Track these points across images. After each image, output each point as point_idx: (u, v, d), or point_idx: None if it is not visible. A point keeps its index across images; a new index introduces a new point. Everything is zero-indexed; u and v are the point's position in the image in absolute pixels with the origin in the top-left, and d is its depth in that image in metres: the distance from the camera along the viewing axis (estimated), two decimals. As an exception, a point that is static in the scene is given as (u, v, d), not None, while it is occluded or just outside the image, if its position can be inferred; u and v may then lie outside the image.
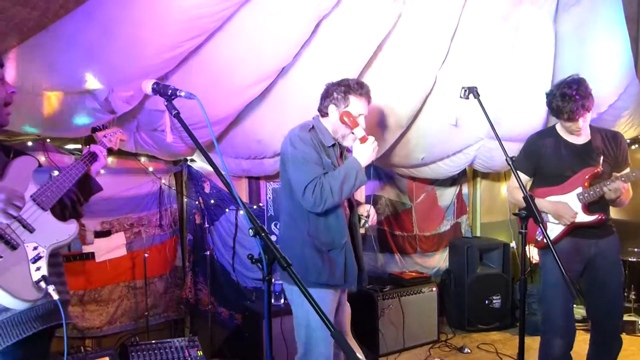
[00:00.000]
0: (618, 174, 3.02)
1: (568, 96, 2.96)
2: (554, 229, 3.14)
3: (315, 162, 2.61)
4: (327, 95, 2.79)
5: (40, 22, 2.52)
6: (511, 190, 3.43)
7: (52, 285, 1.78)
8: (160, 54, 2.94)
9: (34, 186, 1.95)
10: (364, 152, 2.65)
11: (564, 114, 3.00)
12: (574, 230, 3.10)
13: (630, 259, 4.96)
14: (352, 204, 2.91)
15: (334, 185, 2.55)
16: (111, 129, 2.52)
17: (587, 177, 3.04)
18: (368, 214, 2.96)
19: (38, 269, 1.82)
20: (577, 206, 3.06)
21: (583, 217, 3.05)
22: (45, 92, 2.90)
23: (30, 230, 1.86)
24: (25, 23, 2.46)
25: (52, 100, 2.97)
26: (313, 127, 2.75)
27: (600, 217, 3.03)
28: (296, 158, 2.61)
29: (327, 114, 2.78)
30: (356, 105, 2.74)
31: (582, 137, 3.13)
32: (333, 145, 2.77)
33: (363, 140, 2.66)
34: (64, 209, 2.10)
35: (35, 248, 1.86)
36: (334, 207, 2.65)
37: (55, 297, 1.78)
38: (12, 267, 1.75)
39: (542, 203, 3.13)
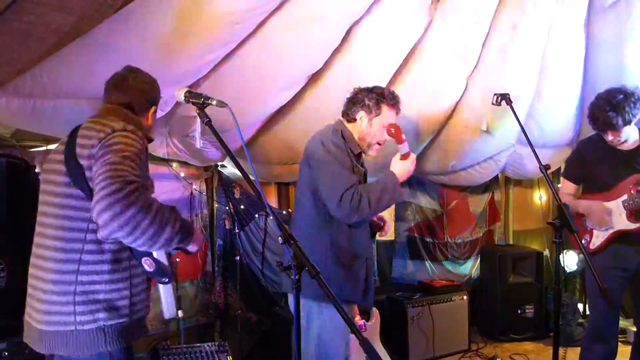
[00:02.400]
0: None
1: (602, 112, 2.93)
2: (600, 236, 3.08)
3: (350, 169, 2.49)
4: (357, 100, 2.65)
5: (76, 27, 2.58)
6: (562, 197, 3.27)
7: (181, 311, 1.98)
8: (193, 61, 2.98)
9: None
10: (405, 169, 2.57)
11: (604, 127, 2.97)
12: (619, 237, 3.03)
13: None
14: None
15: (372, 196, 2.44)
16: None
17: (632, 184, 2.99)
18: (379, 224, 2.87)
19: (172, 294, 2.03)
20: (622, 213, 3.00)
21: (627, 224, 2.99)
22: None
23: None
24: (62, 28, 2.52)
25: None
26: (342, 133, 2.61)
27: None
28: (331, 163, 2.46)
29: (355, 119, 2.65)
30: (387, 115, 2.64)
31: (629, 142, 3.04)
32: (359, 153, 2.68)
33: (406, 156, 2.58)
34: None
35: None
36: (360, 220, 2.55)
37: (181, 315, 2.11)
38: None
39: (584, 205, 3.11)
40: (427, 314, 4.40)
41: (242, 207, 4.33)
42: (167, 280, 1.85)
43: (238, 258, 4.14)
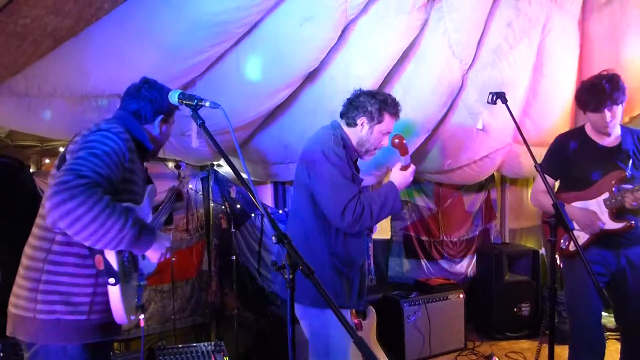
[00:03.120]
0: None
1: (596, 86, 2.85)
2: (580, 237, 2.94)
3: (352, 179, 2.48)
4: (359, 105, 2.60)
5: (72, 30, 2.58)
6: (536, 194, 3.21)
7: (143, 315, 1.97)
8: (187, 60, 2.98)
9: (150, 213, 2.15)
10: (405, 180, 2.60)
11: (590, 104, 2.87)
12: (600, 238, 2.92)
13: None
14: None
15: (374, 207, 2.46)
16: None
17: (613, 181, 2.87)
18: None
19: (139, 293, 1.99)
20: (603, 212, 2.89)
21: (610, 225, 2.87)
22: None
23: (143, 258, 2.03)
24: (58, 31, 2.52)
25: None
26: (343, 141, 2.58)
27: (628, 224, 2.84)
28: (333, 175, 2.44)
29: (356, 124, 2.62)
30: (388, 123, 2.63)
31: (611, 138, 2.96)
32: (356, 159, 2.68)
33: (406, 167, 2.59)
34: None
35: (140, 274, 2.04)
36: None
37: (142, 325, 2.08)
38: (130, 288, 1.92)
39: (569, 210, 2.95)
40: (424, 313, 4.41)
41: (238, 206, 4.33)
42: (113, 282, 1.80)
43: (234, 257, 4.14)
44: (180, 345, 3.53)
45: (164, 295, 4.02)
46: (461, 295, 4.63)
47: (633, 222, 2.86)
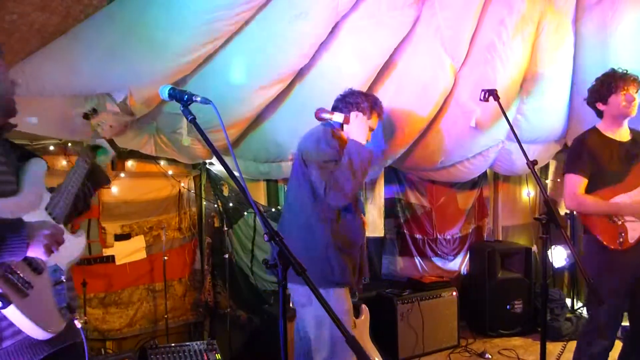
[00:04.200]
0: None
1: (614, 72, 3.09)
2: (637, 229, 2.97)
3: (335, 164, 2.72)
4: (352, 101, 2.92)
5: (60, 27, 2.56)
6: (576, 198, 3.13)
7: (76, 313, 1.71)
8: (178, 57, 2.96)
9: (47, 195, 1.79)
10: (358, 130, 2.83)
11: (613, 86, 3.04)
12: None
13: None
14: None
15: (345, 170, 2.67)
16: (100, 116, 2.14)
17: None
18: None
19: (60, 293, 1.71)
20: None
21: None
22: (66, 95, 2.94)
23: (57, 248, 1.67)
24: (46, 28, 2.50)
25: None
26: (334, 132, 2.83)
27: None
28: (321, 158, 2.70)
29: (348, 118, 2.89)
30: (374, 121, 2.99)
31: (623, 134, 3.11)
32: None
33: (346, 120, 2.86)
34: (77, 202, 1.94)
35: (55, 270, 1.73)
36: (352, 210, 2.81)
37: (79, 326, 1.73)
38: (38, 295, 1.61)
39: (622, 207, 3.00)
40: (417, 310, 4.41)
41: (230, 204, 4.31)
42: (0, 305, 1.49)
43: (227, 256, 4.13)
44: (172, 345, 3.52)
45: (156, 295, 4.01)
46: (454, 293, 4.63)
47: None
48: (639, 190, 3.00)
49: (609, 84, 3.08)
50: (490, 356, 4.42)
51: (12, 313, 1.53)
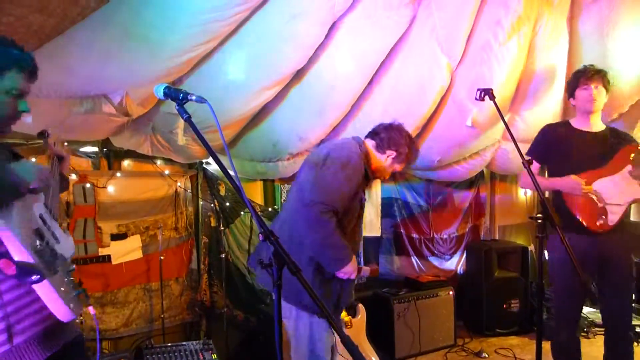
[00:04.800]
0: None
1: (584, 67, 3.19)
2: (615, 211, 3.05)
3: (347, 198, 2.54)
4: (395, 139, 2.74)
5: (57, 29, 2.55)
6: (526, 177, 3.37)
7: (88, 299, 1.72)
8: (175, 58, 2.95)
9: (42, 194, 1.79)
10: (351, 271, 2.60)
11: (579, 79, 3.12)
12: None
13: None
14: None
15: (333, 239, 2.49)
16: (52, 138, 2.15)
17: (629, 154, 3.05)
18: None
19: (72, 282, 1.72)
20: (632, 183, 3.05)
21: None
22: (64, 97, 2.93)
23: (58, 241, 1.74)
24: (43, 30, 2.49)
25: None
26: (366, 159, 2.70)
27: None
28: (339, 177, 2.51)
29: (384, 153, 2.74)
30: (402, 166, 2.84)
31: (595, 126, 3.17)
32: (368, 179, 2.77)
33: (360, 269, 2.70)
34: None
35: (64, 260, 1.74)
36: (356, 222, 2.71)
37: (93, 312, 1.77)
38: (61, 278, 1.66)
39: (550, 182, 3.21)
40: (413, 310, 4.42)
41: (227, 204, 4.31)
42: (37, 277, 1.54)
43: (224, 256, 4.12)
44: (168, 344, 3.51)
45: (152, 294, 4.00)
46: (451, 292, 4.64)
47: None
48: (621, 175, 3.06)
49: (574, 80, 3.20)
50: (487, 355, 4.43)
51: (45, 288, 1.57)
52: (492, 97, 2.68)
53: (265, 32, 3.08)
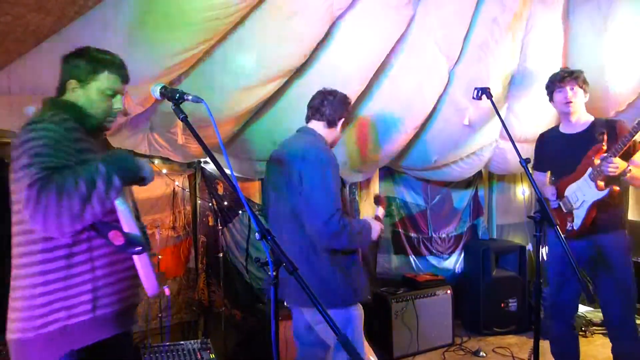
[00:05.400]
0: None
1: (559, 70, 3.25)
2: (579, 215, 3.10)
3: (338, 192, 2.56)
4: (340, 105, 2.76)
5: (55, 28, 2.55)
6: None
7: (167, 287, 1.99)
8: (173, 57, 2.95)
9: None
10: (376, 230, 2.71)
11: (555, 82, 3.18)
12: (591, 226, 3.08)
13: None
14: None
15: (355, 227, 2.56)
16: None
17: (593, 156, 3.03)
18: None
19: (153, 263, 1.92)
20: (591, 186, 3.03)
21: (598, 194, 3.00)
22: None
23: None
24: (41, 29, 2.49)
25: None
26: (325, 142, 2.73)
27: (611, 187, 2.97)
28: (327, 182, 2.51)
29: (336, 124, 2.79)
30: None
31: (578, 127, 3.19)
32: None
33: (379, 219, 2.82)
34: None
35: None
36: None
37: (168, 293, 2.13)
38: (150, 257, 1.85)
39: (546, 188, 3.28)
40: (411, 309, 4.42)
41: (225, 203, 4.31)
42: (139, 249, 1.73)
43: (222, 255, 4.12)
44: (166, 344, 3.51)
45: (150, 293, 4.00)
46: (449, 291, 4.64)
47: (617, 187, 3.00)
48: (584, 178, 3.08)
49: (550, 83, 3.26)
50: (484, 354, 4.44)
51: (142, 260, 1.78)
52: (490, 96, 2.68)
53: (264, 30, 3.08)
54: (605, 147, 2.98)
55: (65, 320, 1.70)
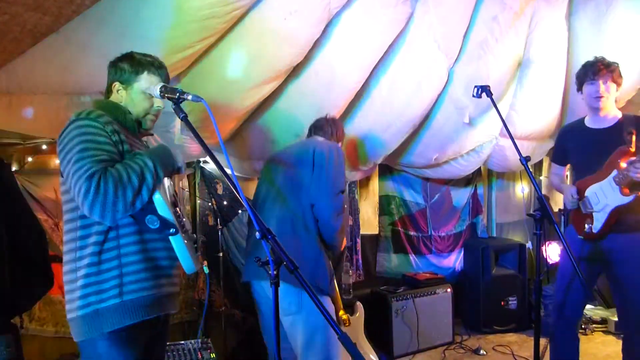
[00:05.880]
0: None
1: (594, 60, 3.03)
2: (599, 218, 2.97)
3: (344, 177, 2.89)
4: (341, 131, 3.24)
5: (53, 28, 2.54)
6: (550, 177, 3.49)
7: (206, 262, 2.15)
8: (171, 55, 2.94)
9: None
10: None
11: (587, 73, 3.00)
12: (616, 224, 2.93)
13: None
14: None
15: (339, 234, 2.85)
16: None
17: (619, 159, 2.87)
18: None
19: (193, 247, 2.03)
20: (615, 189, 2.88)
21: (622, 199, 2.85)
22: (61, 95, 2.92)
23: (182, 218, 2.07)
24: (39, 29, 2.48)
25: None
26: None
27: (637, 194, 2.83)
28: (340, 162, 2.84)
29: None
30: None
31: (606, 122, 3.02)
32: None
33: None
34: None
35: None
36: None
37: (207, 271, 2.21)
38: (186, 240, 1.96)
39: (564, 188, 3.20)
40: (412, 307, 4.42)
41: (225, 202, 4.30)
42: (173, 231, 1.87)
43: (221, 254, 4.11)
44: (166, 343, 3.50)
45: (150, 293, 3.99)
46: (449, 290, 4.65)
47: None
48: (608, 180, 2.93)
49: (582, 73, 3.09)
50: (484, 352, 4.44)
51: (178, 241, 1.89)
52: (490, 94, 2.67)
53: (262, 28, 3.08)
54: (633, 149, 2.82)
55: (97, 304, 1.83)
